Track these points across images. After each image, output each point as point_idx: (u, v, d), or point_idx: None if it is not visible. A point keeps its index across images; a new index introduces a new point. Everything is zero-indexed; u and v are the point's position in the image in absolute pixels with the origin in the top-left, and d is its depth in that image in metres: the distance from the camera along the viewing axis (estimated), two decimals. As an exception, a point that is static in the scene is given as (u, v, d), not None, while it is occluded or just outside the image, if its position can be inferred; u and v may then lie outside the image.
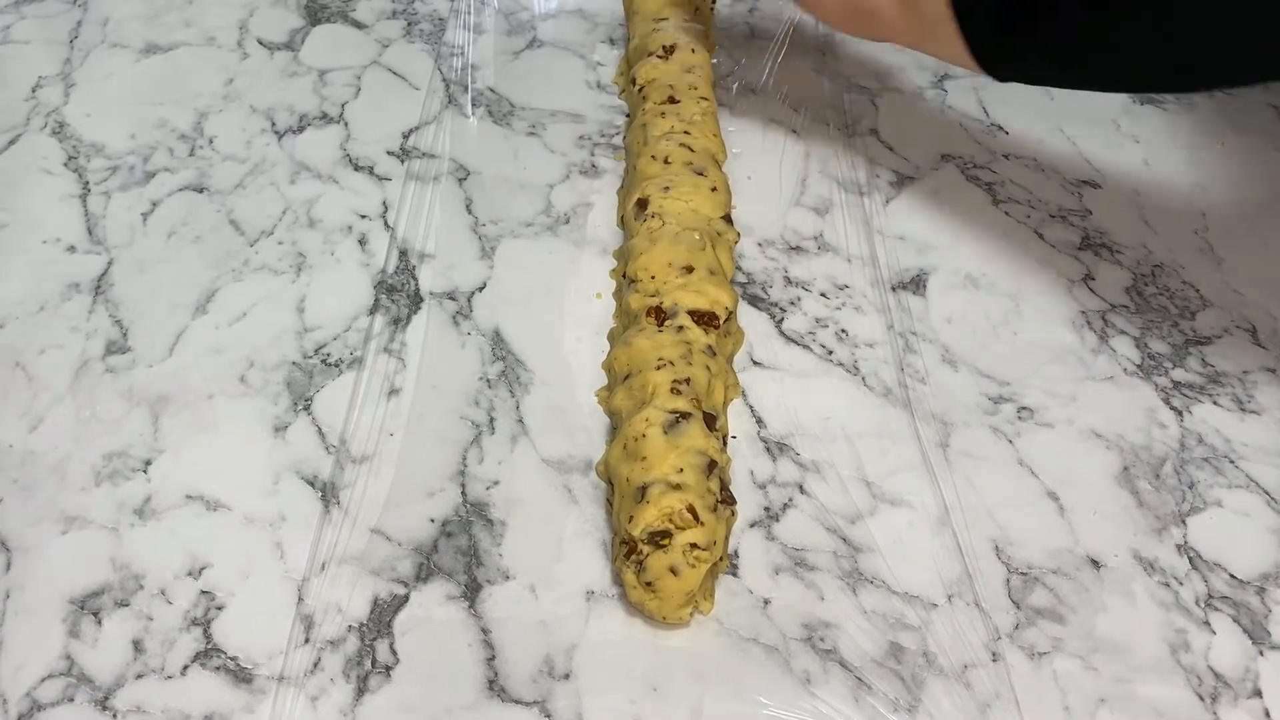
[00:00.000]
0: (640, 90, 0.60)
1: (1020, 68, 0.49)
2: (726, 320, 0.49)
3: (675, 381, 0.45)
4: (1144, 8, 0.42)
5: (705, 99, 0.59)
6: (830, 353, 0.52)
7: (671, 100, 0.58)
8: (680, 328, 0.47)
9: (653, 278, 0.50)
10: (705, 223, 0.52)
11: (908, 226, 0.58)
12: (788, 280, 0.55)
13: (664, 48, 0.62)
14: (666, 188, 0.53)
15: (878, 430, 0.49)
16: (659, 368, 0.46)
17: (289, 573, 0.44)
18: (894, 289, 0.55)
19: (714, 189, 0.54)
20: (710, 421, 0.45)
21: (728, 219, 0.54)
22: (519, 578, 0.44)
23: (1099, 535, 0.46)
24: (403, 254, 0.56)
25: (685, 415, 0.44)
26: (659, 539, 0.41)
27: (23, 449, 0.48)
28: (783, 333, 0.53)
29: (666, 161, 0.55)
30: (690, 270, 0.49)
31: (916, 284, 0.55)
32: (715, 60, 0.66)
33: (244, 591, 0.44)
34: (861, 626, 0.43)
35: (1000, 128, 0.64)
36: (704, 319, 0.48)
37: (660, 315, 0.48)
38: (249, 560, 0.45)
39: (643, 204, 0.53)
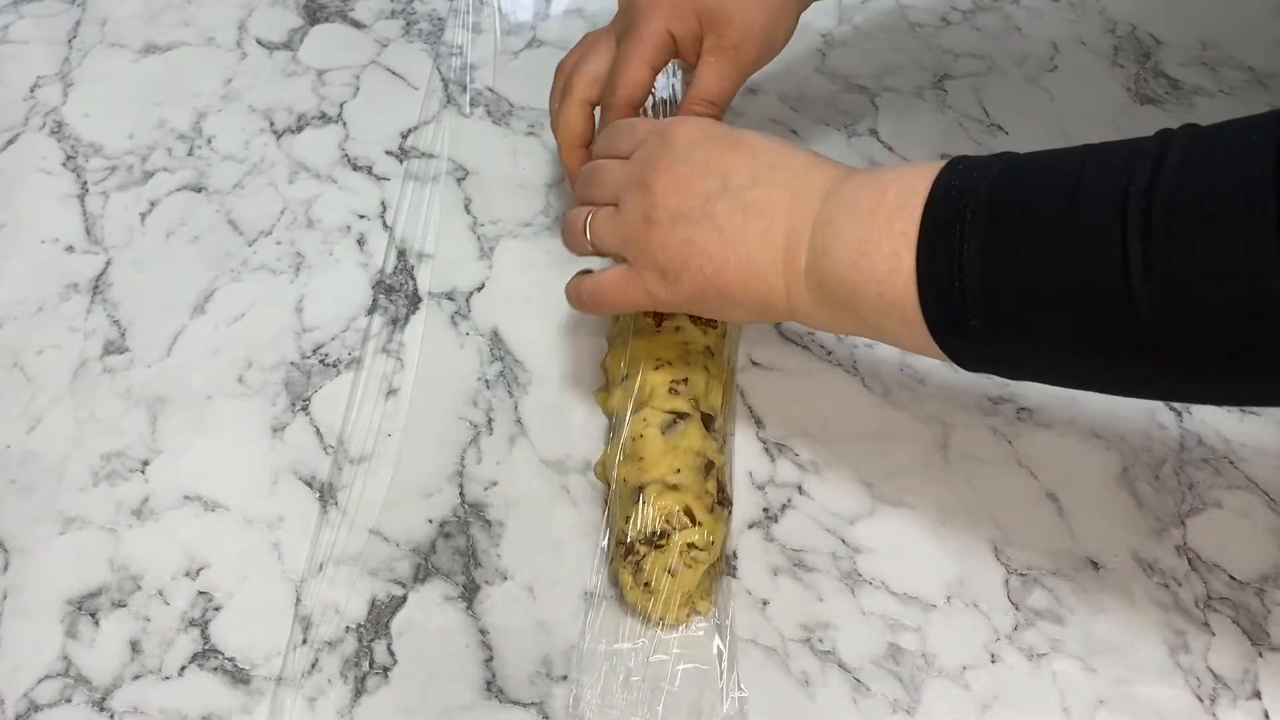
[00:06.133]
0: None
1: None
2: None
3: (673, 382, 0.45)
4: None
5: (704, 99, 0.59)
6: (829, 353, 0.52)
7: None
8: (678, 328, 0.47)
9: (651, 278, 0.50)
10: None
11: (907, 227, 0.58)
12: (787, 280, 0.55)
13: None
14: (665, 188, 0.53)
15: (877, 431, 0.49)
16: (657, 368, 0.46)
17: (287, 573, 0.44)
18: (893, 289, 0.55)
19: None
20: (708, 422, 0.45)
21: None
22: (517, 578, 0.44)
23: (1098, 536, 0.46)
24: (401, 254, 0.56)
25: (683, 416, 0.44)
26: (656, 539, 0.41)
27: (21, 449, 0.48)
28: (782, 333, 0.53)
29: (665, 161, 0.55)
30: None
31: (916, 284, 0.55)
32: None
33: (242, 592, 0.44)
34: (860, 627, 0.43)
35: (1000, 128, 0.64)
36: (702, 319, 0.48)
37: (658, 316, 0.48)
38: (247, 561, 0.45)
39: (641, 204, 0.53)
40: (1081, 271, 0.32)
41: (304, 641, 0.42)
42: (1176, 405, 0.51)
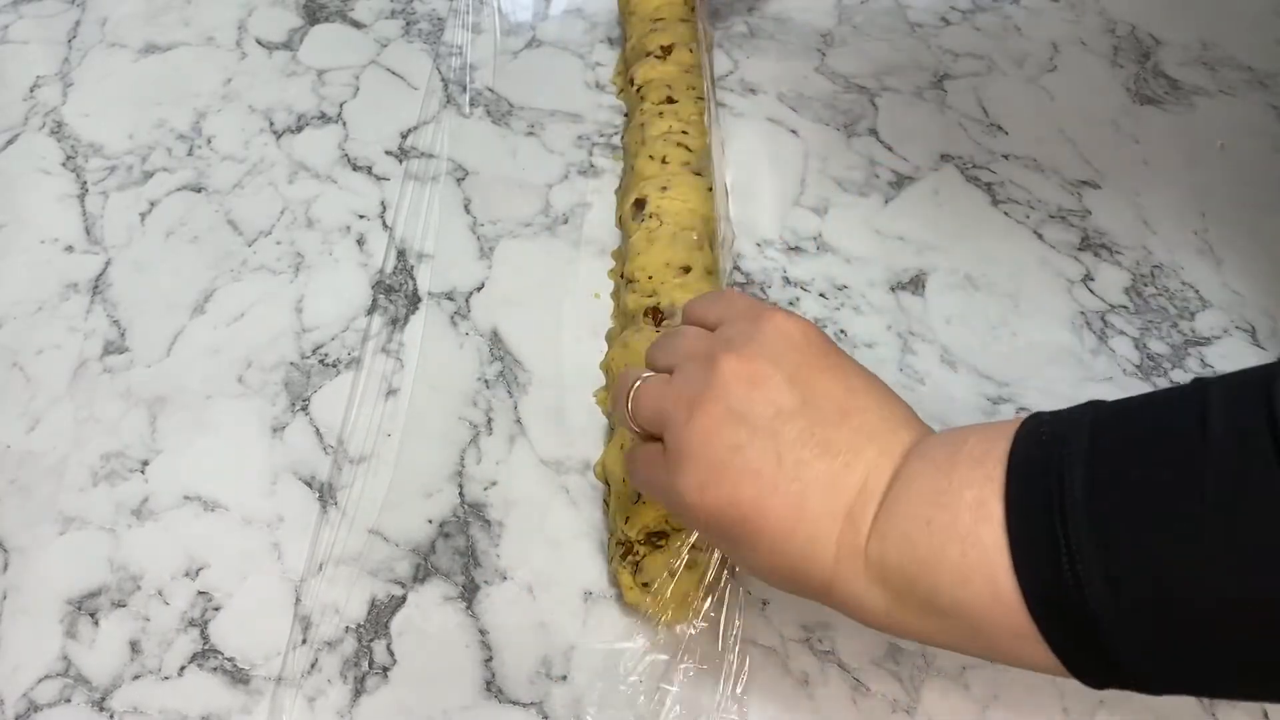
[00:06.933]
0: (638, 90, 0.60)
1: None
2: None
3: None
4: None
5: (703, 99, 0.59)
6: (829, 353, 0.52)
7: (669, 100, 0.58)
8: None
9: (650, 278, 0.50)
10: (703, 222, 0.52)
11: (907, 227, 0.58)
12: (786, 280, 0.55)
13: (661, 48, 0.62)
14: (664, 187, 0.53)
15: (876, 431, 0.49)
16: (656, 368, 0.46)
17: (286, 573, 0.44)
18: (893, 289, 0.55)
19: (711, 188, 0.54)
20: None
21: (724, 219, 0.54)
22: (516, 578, 0.44)
23: (1098, 536, 0.46)
24: (401, 254, 0.56)
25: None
26: (656, 540, 0.41)
27: (21, 449, 0.48)
28: (781, 333, 0.53)
29: (664, 161, 0.55)
30: (688, 270, 0.49)
31: (915, 284, 0.55)
32: (714, 60, 0.66)
33: (241, 592, 0.44)
34: (860, 627, 0.43)
35: (1000, 127, 0.64)
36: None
37: (658, 315, 0.48)
38: (246, 561, 0.45)
39: (640, 204, 0.53)
40: (1222, 498, 0.25)
41: (303, 641, 0.42)
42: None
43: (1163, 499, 0.26)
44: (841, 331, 0.53)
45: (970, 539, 0.29)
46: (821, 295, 0.55)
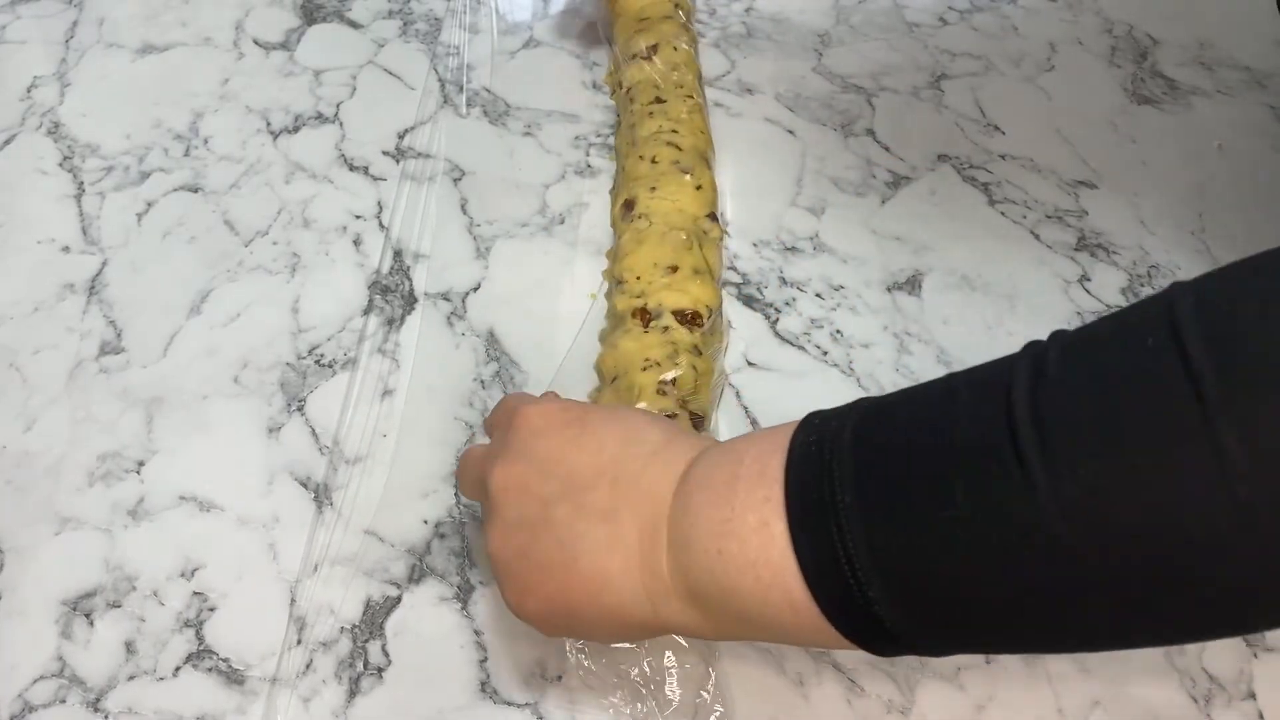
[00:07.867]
0: (627, 92, 0.60)
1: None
2: (711, 319, 0.49)
3: (661, 383, 0.45)
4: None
5: (691, 96, 0.59)
6: (825, 353, 0.52)
7: (658, 100, 0.58)
8: (665, 328, 0.47)
9: (638, 278, 0.50)
10: (691, 221, 0.52)
11: (904, 227, 0.58)
12: (783, 280, 0.55)
13: (647, 48, 0.62)
14: (653, 187, 0.53)
15: (872, 431, 0.49)
16: (645, 369, 0.46)
17: (282, 574, 0.44)
18: (889, 289, 0.55)
19: (699, 187, 0.54)
20: (697, 422, 0.45)
21: (713, 216, 0.54)
22: (512, 579, 0.44)
23: (1093, 537, 0.46)
24: (397, 254, 0.56)
25: (671, 416, 0.44)
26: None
27: (17, 450, 0.48)
28: (778, 333, 0.53)
29: (654, 161, 0.55)
30: (675, 270, 0.49)
31: (912, 284, 0.55)
32: (710, 60, 0.66)
33: (236, 593, 0.44)
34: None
35: (997, 128, 0.64)
36: (688, 318, 0.48)
37: (645, 316, 0.48)
38: (242, 561, 0.45)
39: (630, 204, 0.53)
40: (971, 500, 0.27)
41: (299, 642, 0.42)
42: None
43: (922, 504, 0.28)
44: (838, 332, 0.53)
45: (761, 562, 0.30)
46: (818, 295, 0.55)
